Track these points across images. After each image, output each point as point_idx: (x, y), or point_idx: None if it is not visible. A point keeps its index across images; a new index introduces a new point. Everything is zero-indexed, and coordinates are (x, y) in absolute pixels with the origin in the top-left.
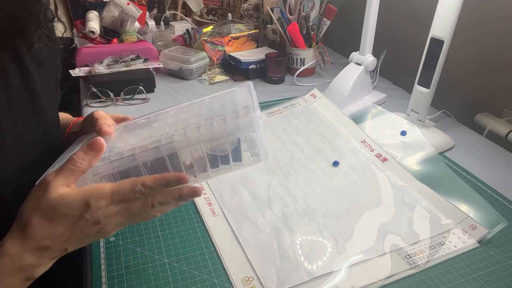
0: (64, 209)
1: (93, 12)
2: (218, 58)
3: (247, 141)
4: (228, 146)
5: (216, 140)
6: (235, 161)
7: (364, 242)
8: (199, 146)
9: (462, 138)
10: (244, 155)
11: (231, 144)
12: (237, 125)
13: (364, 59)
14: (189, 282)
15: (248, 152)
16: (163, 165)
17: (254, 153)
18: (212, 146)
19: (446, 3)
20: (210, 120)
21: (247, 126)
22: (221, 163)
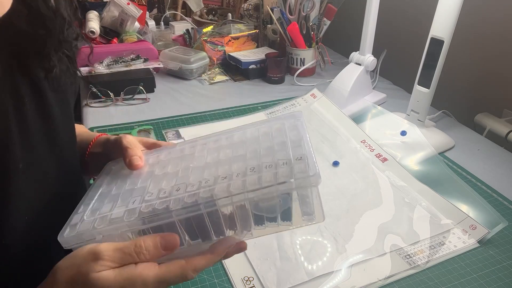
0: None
1: (93, 12)
2: (218, 58)
3: (300, 199)
4: (277, 207)
5: (265, 201)
6: (284, 220)
7: (364, 242)
8: (244, 203)
9: (462, 138)
10: (295, 212)
11: (281, 206)
12: (291, 185)
13: (364, 59)
14: (189, 282)
15: (299, 209)
16: (201, 221)
17: (307, 212)
18: (258, 204)
19: (446, 3)
20: (258, 171)
21: (303, 187)
22: (268, 221)
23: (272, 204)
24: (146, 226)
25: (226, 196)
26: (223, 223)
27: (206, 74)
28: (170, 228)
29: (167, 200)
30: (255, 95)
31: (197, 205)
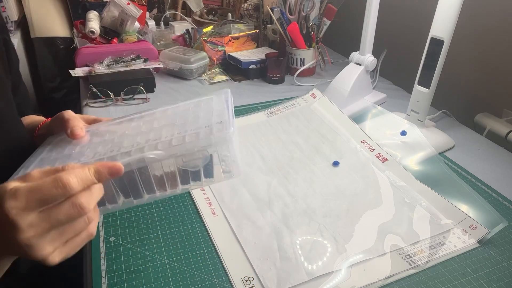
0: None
1: (93, 12)
2: (218, 58)
3: (219, 157)
4: (199, 162)
5: (188, 156)
6: (206, 177)
7: (364, 242)
8: (170, 160)
9: (462, 138)
10: (216, 169)
11: (203, 160)
12: (210, 141)
13: (364, 59)
14: (189, 282)
15: (220, 167)
16: (132, 178)
17: (226, 170)
18: (183, 161)
19: (446, 3)
20: (183, 134)
21: (220, 143)
22: (192, 180)
23: (195, 160)
24: None
25: (153, 153)
26: (153, 181)
27: (206, 74)
28: (104, 187)
29: (101, 159)
30: (255, 95)
31: (128, 164)
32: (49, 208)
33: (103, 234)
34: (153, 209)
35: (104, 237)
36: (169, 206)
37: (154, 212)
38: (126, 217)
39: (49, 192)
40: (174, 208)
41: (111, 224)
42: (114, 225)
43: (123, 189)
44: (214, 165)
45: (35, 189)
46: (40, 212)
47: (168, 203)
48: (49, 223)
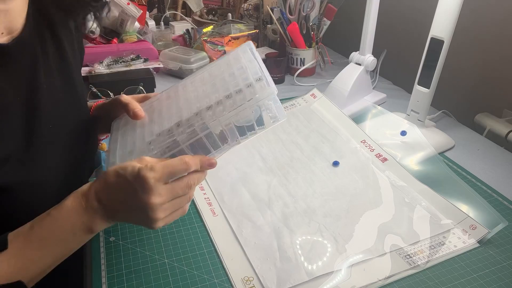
0: (127, 172)
1: None
2: (218, 58)
3: (266, 108)
4: (252, 116)
5: (241, 114)
6: (259, 126)
7: (364, 242)
8: (228, 121)
9: (462, 138)
10: (265, 117)
11: (254, 115)
12: (257, 100)
13: (364, 59)
14: (189, 282)
15: (267, 114)
16: (202, 143)
17: (273, 116)
18: (238, 119)
19: (446, 3)
20: (230, 97)
21: (266, 98)
22: (248, 130)
23: (247, 115)
24: (165, 155)
25: (214, 120)
26: (217, 139)
27: None
28: (182, 153)
29: (173, 134)
30: None
31: (195, 132)
32: (173, 182)
33: (103, 234)
34: None
35: (104, 237)
36: None
37: None
38: None
39: (178, 167)
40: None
41: None
42: (114, 225)
43: (196, 152)
44: (263, 116)
45: (167, 165)
46: (166, 184)
47: None
48: (171, 194)
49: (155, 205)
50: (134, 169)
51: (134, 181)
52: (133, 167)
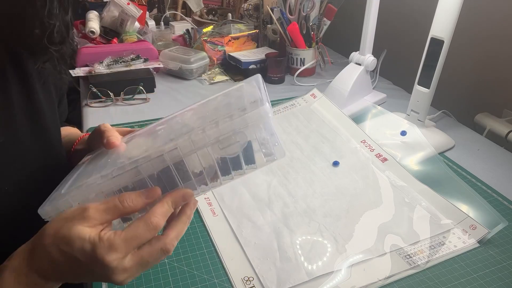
0: (76, 251)
1: (93, 12)
2: (218, 58)
3: (258, 140)
4: (238, 146)
5: (224, 142)
6: (248, 164)
7: (364, 242)
8: (206, 150)
9: (462, 138)
10: (257, 156)
11: (240, 144)
12: (245, 121)
13: (364, 59)
14: (189, 282)
15: (261, 152)
16: (169, 175)
17: (267, 153)
18: (220, 148)
19: (446, 3)
20: (216, 120)
21: (256, 121)
22: (233, 169)
23: (232, 145)
24: (117, 187)
25: (187, 143)
26: (191, 175)
27: (206, 74)
28: (141, 187)
29: (136, 160)
30: None
31: (161, 157)
32: (140, 250)
33: None
34: None
35: None
36: None
37: None
38: None
39: (145, 236)
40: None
41: None
42: None
43: (163, 189)
44: (255, 150)
45: (131, 237)
46: (132, 254)
47: None
48: (140, 265)
49: (122, 280)
50: (84, 247)
51: (91, 262)
52: (82, 244)
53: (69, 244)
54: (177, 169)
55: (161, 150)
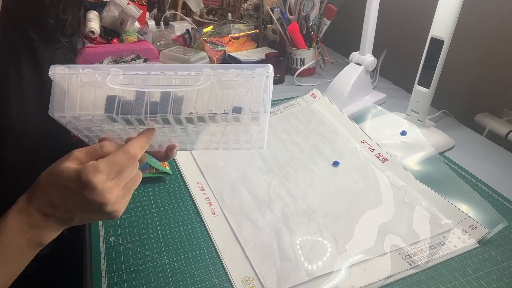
0: (65, 180)
1: (93, 12)
2: (218, 58)
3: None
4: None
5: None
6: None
7: (364, 242)
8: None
9: (462, 138)
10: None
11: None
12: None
13: (364, 59)
14: (189, 282)
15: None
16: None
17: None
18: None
19: (446, 3)
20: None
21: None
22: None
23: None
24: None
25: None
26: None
27: None
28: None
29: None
30: None
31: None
32: (119, 175)
33: (103, 234)
34: (153, 209)
35: (104, 237)
36: (169, 206)
37: (154, 212)
38: (126, 217)
39: (124, 164)
40: (174, 208)
41: (111, 224)
42: (114, 225)
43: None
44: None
45: (112, 163)
46: (113, 179)
47: (168, 203)
48: (122, 184)
49: (111, 202)
50: (71, 175)
51: (79, 188)
52: (69, 172)
53: (58, 176)
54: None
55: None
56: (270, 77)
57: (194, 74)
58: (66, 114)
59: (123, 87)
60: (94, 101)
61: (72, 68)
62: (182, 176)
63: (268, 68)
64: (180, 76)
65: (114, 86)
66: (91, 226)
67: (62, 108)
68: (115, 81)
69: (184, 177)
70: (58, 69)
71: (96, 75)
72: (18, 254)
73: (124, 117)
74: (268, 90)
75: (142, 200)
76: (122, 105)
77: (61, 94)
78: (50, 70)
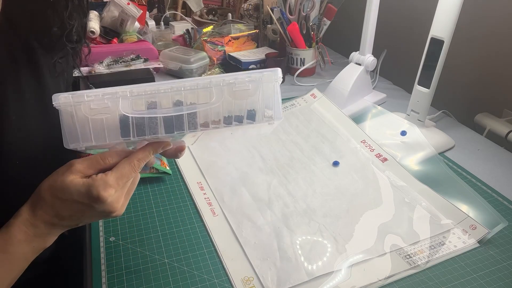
0: (74, 195)
1: (93, 12)
2: (218, 58)
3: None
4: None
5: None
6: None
7: (364, 242)
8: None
9: (462, 138)
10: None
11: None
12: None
13: (364, 59)
14: (189, 282)
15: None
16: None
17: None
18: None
19: (446, 3)
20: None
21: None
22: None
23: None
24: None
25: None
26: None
27: (206, 74)
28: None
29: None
30: None
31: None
32: (125, 185)
33: (103, 234)
34: (153, 209)
35: (104, 237)
36: (169, 206)
37: (154, 212)
38: (126, 217)
39: (130, 175)
40: (174, 208)
41: (111, 224)
42: (114, 225)
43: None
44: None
45: (120, 176)
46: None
47: (168, 203)
48: (124, 192)
49: (118, 209)
50: (81, 190)
51: (89, 201)
52: (78, 187)
53: (65, 190)
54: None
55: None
56: (279, 81)
57: (203, 84)
58: (82, 145)
59: (138, 115)
60: (108, 127)
61: (76, 95)
62: (182, 176)
63: (276, 72)
64: (189, 87)
65: (129, 114)
66: (91, 226)
67: (76, 139)
68: (126, 106)
69: (184, 177)
70: (62, 97)
71: (106, 100)
72: (23, 261)
73: (140, 138)
74: (279, 94)
75: (142, 200)
76: (136, 125)
77: (71, 124)
78: (53, 101)
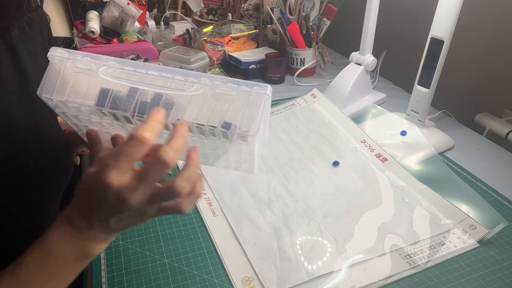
0: (88, 182)
1: (93, 12)
2: (218, 58)
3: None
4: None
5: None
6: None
7: (364, 242)
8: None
9: (462, 138)
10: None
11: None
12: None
13: (364, 59)
14: (189, 282)
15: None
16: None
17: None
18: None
19: (446, 3)
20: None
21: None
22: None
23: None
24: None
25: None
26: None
27: None
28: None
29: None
30: None
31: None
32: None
33: None
34: None
35: None
36: None
37: None
38: None
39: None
40: None
41: None
42: None
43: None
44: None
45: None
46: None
47: None
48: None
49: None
50: (90, 173)
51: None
52: (89, 172)
53: (82, 182)
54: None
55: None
56: (268, 99)
57: (191, 81)
58: (54, 97)
59: (114, 80)
60: (87, 91)
61: (72, 53)
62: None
63: (266, 88)
64: (177, 81)
65: (105, 77)
66: None
67: (52, 90)
68: (108, 73)
69: None
70: (58, 51)
71: (92, 64)
72: (65, 267)
73: (112, 111)
74: (262, 112)
75: None
76: (113, 98)
77: (55, 76)
78: (49, 51)
